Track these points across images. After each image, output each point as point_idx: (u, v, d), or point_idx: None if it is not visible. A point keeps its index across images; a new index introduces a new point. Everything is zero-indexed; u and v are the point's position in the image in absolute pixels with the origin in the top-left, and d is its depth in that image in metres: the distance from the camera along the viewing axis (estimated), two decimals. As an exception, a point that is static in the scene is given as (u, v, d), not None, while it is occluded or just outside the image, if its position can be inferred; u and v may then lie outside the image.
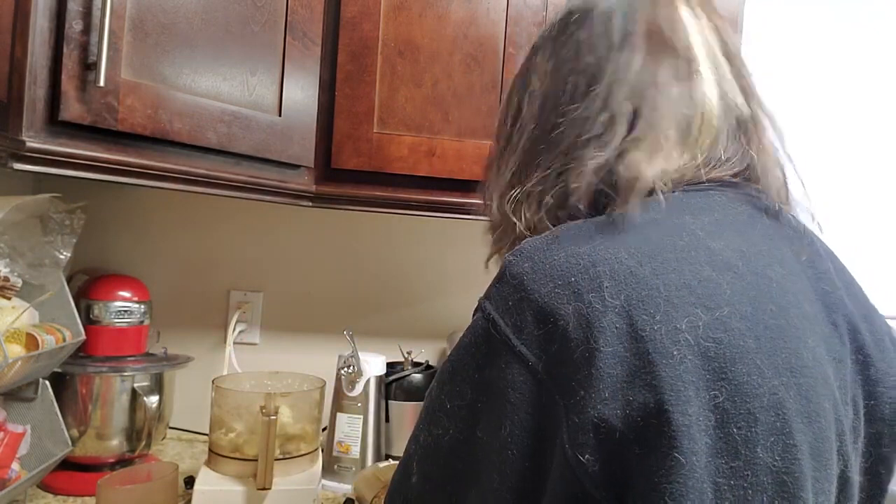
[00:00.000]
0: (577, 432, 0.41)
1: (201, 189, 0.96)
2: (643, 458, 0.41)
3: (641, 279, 0.44)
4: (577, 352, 0.42)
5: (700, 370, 0.42)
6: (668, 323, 0.43)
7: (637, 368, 0.42)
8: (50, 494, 1.09)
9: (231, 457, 0.99)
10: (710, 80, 0.55)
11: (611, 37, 0.56)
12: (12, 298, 0.95)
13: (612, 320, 0.43)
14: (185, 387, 1.30)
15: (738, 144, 0.55)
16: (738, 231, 0.50)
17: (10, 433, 0.95)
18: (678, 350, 0.42)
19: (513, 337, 0.45)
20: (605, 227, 0.48)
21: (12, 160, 0.76)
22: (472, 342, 0.48)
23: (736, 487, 0.41)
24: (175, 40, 0.90)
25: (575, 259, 0.46)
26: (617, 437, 0.41)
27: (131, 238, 1.39)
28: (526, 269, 0.47)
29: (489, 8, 1.13)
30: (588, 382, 0.42)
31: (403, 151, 1.11)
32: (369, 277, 1.46)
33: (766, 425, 0.43)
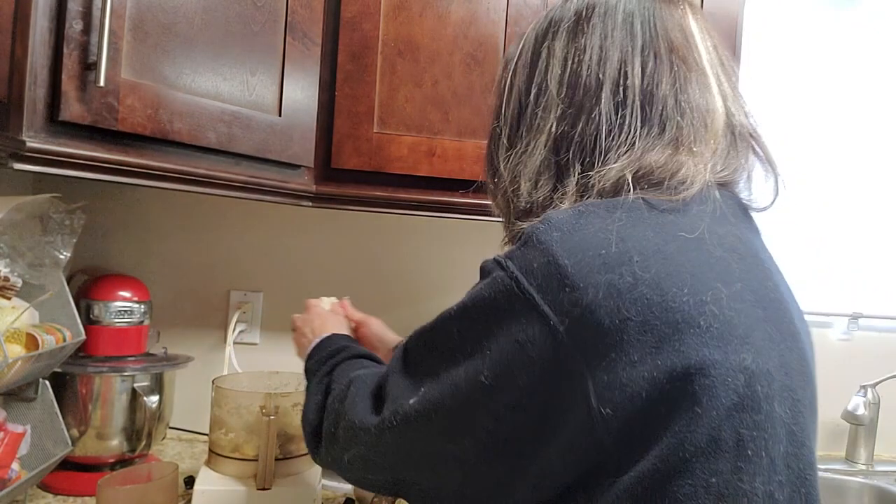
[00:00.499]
0: (605, 389, 0.46)
1: (201, 189, 0.96)
2: (667, 414, 0.46)
3: (668, 256, 0.49)
4: (608, 319, 0.46)
5: (727, 335, 0.48)
6: (695, 295, 0.48)
7: (667, 336, 0.46)
8: (50, 494, 1.09)
9: (231, 457, 0.99)
10: (717, 93, 0.60)
11: (635, 39, 0.60)
12: (12, 298, 0.95)
13: (643, 292, 0.47)
14: (185, 387, 1.30)
15: (734, 151, 0.60)
16: (733, 222, 0.56)
17: (10, 433, 0.95)
18: (704, 320, 0.47)
19: (537, 296, 0.48)
20: (629, 208, 0.52)
21: (12, 160, 0.76)
22: (491, 296, 0.51)
23: (758, 438, 0.47)
24: (175, 40, 0.90)
25: (604, 234, 0.50)
26: (644, 396, 0.46)
27: (131, 238, 1.39)
28: (555, 237, 0.50)
29: (489, 8, 1.13)
30: (619, 346, 0.46)
31: (403, 151, 1.11)
32: (369, 277, 1.46)
33: (779, 383, 0.49)
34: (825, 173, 1.68)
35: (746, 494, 0.47)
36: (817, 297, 1.67)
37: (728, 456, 0.47)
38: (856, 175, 1.69)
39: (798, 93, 1.66)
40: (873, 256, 1.69)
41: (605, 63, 0.60)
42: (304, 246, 1.45)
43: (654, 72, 0.59)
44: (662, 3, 0.63)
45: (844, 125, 1.68)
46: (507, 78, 0.68)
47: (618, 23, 0.61)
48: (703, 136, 0.58)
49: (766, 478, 0.48)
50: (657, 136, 0.58)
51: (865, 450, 1.55)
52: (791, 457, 0.50)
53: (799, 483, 0.50)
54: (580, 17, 0.63)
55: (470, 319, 0.53)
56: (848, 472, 1.51)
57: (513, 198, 0.63)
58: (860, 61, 1.68)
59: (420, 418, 0.54)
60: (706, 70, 0.61)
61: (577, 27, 0.62)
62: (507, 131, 0.66)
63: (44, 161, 0.78)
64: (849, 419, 1.55)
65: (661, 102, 0.58)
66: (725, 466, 0.46)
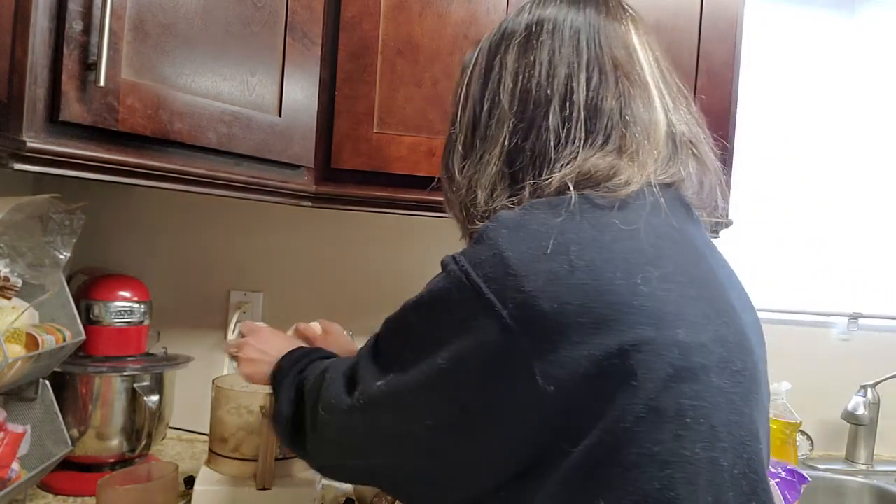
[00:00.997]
0: (548, 368, 0.50)
1: (201, 189, 0.96)
2: (608, 389, 0.50)
3: (604, 245, 0.54)
4: (548, 304, 0.51)
5: (659, 313, 0.52)
6: (627, 278, 0.53)
7: (603, 317, 0.51)
8: (50, 494, 1.09)
9: (231, 457, 0.99)
10: (658, 106, 0.65)
11: (580, 55, 0.64)
12: (12, 298, 0.95)
13: (580, 278, 0.52)
14: (185, 387, 1.30)
15: (675, 158, 0.64)
16: (670, 214, 0.60)
17: (10, 433, 0.95)
18: (637, 300, 0.52)
19: (483, 286, 0.53)
20: (570, 205, 0.57)
21: (12, 160, 0.76)
22: (445, 287, 0.56)
23: (697, 407, 0.51)
24: (175, 40, 0.90)
25: (546, 228, 0.54)
26: (584, 374, 0.50)
27: (131, 238, 1.39)
28: (503, 233, 0.55)
29: (489, 8, 1.13)
30: (560, 329, 0.50)
31: (403, 151, 1.11)
32: (369, 277, 1.46)
33: (716, 355, 0.54)
34: (825, 174, 1.68)
35: (689, 460, 0.50)
36: (817, 297, 1.67)
37: (669, 425, 0.50)
38: (856, 175, 1.69)
39: (798, 93, 1.66)
40: (873, 256, 1.69)
41: (553, 78, 0.64)
42: (304, 246, 1.45)
43: (599, 87, 0.63)
44: (607, 20, 0.66)
45: (844, 125, 1.68)
46: (462, 87, 0.72)
47: (565, 39, 0.65)
48: (645, 146, 0.62)
49: (708, 444, 0.51)
50: (601, 146, 0.62)
51: (865, 450, 1.55)
52: (733, 424, 0.53)
53: (741, 449, 0.53)
54: (530, 32, 0.66)
55: (427, 309, 0.57)
56: (848, 472, 1.51)
57: (470, 206, 0.67)
58: (860, 61, 1.68)
59: (385, 401, 0.58)
60: (649, 84, 0.65)
61: (527, 43, 0.66)
62: (462, 139, 0.70)
63: (44, 161, 0.78)
64: (849, 419, 1.55)
65: (606, 116, 0.63)
66: (667, 435, 0.50)
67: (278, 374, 0.78)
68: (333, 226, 1.45)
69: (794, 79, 1.66)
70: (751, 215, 1.63)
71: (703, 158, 0.67)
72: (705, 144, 0.68)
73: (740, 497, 0.52)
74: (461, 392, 0.54)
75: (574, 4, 0.67)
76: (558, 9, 0.67)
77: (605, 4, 0.68)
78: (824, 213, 1.68)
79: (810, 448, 1.58)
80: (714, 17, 1.20)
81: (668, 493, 0.50)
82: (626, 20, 0.68)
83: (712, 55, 1.20)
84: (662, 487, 0.50)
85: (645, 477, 0.50)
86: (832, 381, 1.61)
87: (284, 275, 1.44)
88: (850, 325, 1.65)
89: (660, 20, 1.18)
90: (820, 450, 1.62)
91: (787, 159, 1.67)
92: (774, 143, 1.66)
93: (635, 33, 0.67)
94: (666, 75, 0.68)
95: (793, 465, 1.07)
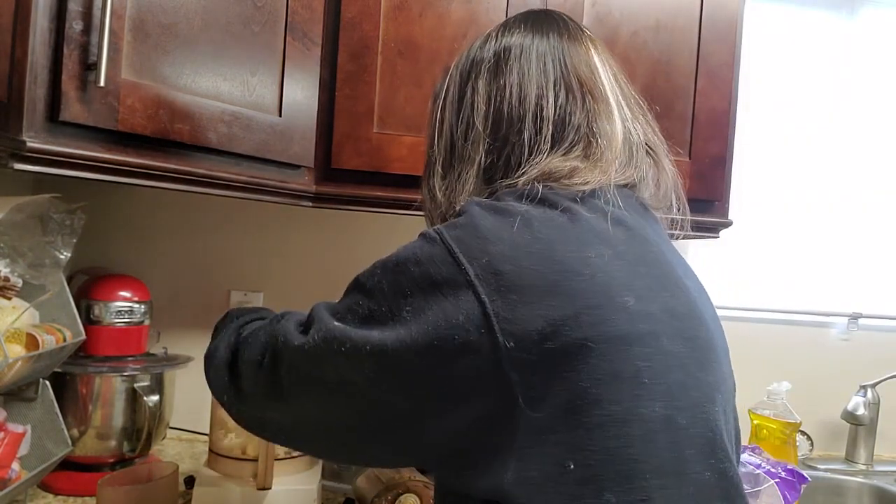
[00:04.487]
0: (506, 324, 0.54)
1: (201, 189, 0.96)
2: (564, 353, 0.54)
3: (560, 224, 0.60)
4: (509, 265, 0.56)
5: (609, 283, 0.57)
6: (580, 252, 0.58)
7: (556, 283, 0.55)
8: (50, 494, 1.09)
9: (231, 457, 0.99)
10: (617, 118, 0.71)
11: (548, 76, 0.70)
12: (12, 298, 0.95)
13: (538, 248, 0.57)
14: (185, 387, 1.30)
15: (632, 162, 0.70)
16: (626, 208, 0.66)
17: (10, 433, 0.95)
18: (588, 270, 0.57)
19: (454, 245, 0.57)
20: (534, 195, 0.62)
21: (12, 160, 0.76)
22: (419, 245, 0.59)
23: (651, 368, 0.55)
24: (175, 41, 0.90)
25: (513, 208, 0.60)
26: (540, 331, 0.54)
27: (131, 238, 1.39)
28: (476, 210, 0.61)
29: (489, 8, 1.13)
30: (517, 290, 0.55)
31: (403, 151, 1.11)
32: (369, 277, 1.46)
33: (665, 323, 0.58)
34: (825, 174, 1.68)
35: (647, 419, 0.54)
36: (817, 297, 1.67)
37: (627, 386, 0.54)
38: (856, 175, 1.69)
39: (798, 93, 1.67)
40: (873, 256, 1.69)
41: (524, 99, 0.69)
42: (304, 246, 1.45)
43: (566, 103, 0.69)
44: (569, 42, 0.72)
45: (844, 125, 1.68)
46: (437, 112, 0.77)
47: (532, 62, 0.71)
48: (606, 155, 0.68)
49: (665, 403, 0.55)
50: (564, 152, 0.68)
51: (865, 450, 1.55)
52: (689, 388, 0.57)
53: (697, 410, 0.57)
54: (499, 58, 0.72)
55: (397, 265, 0.59)
56: (848, 472, 1.51)
57: (448, 217, 0.70)
58: (860, 62, 1.68)
59: (340, 338, 0.59)
60: (609, 99, 0.71)
61: (496, 68, 0.72)
62: (440, 161, 0.75)
63: (44, 161, 0.78)
64: (849, 419, 1.55)
65: (573, 129, 0.68)
66: (625, 395, 0.54)
67: (221, 323, 0.81)
68: (333, 226, 1.45)
69: (794, 79, 1.66)
70: (751, 215, 1.63)
71: (660, 163, 0.73)
72: (661, 150, 0.74)
73: (699, 455, 0.56)
74: (422, 346, 0.55)
75: (538, 31, 0.73)
76: (523, 36, 0.73)
77: (566, 29, 0.74)
78: (824, 213, 1.68)
79: (810, 448, 1.58)
80: (714, 17, 1.20)
81: (628, 450, 0.53)
82: (586, 41, 0.74)
83: (712, 55, 1.20)
84: (623, 445, 0.53)
85: (607, 436, 0.53)
86: (832, 381, 1.61)
87: (284, 275, 1.44)
88: (850, 325, 1.65)
89: (660, 20, 1.18)
90: (820, 450, 1.62)
91: (787, 159, 1.67)
92: (774, 143, 1.66)
93: (595, 52, 0.73)
94: (624, 88, 0.74)
95: (793, 465, 1.07)
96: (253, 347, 0.68)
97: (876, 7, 1.67)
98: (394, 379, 0.57)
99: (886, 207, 1.70)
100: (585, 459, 0.53)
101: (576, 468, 0.53)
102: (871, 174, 1.69)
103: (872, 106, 1.68)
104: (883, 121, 1.69)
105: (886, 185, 1.70)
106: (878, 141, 1.69)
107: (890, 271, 1.70)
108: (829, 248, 1.68)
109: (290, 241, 1.44)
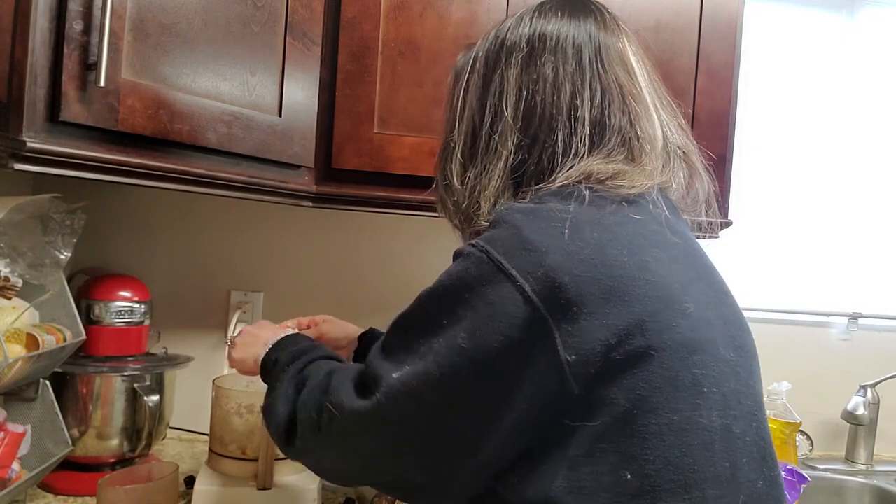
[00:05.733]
0: (568, 338, 0.52)
1: (201, 189, 0.95)
2: (625, 360, 0.52)
3: (609, 226, 0.58)
4: (566, 276, 0.53)
5: (668, 288, 0.56)
6: (636, 256, 0.56)
7: (614, 290, 0.54)
8: (50, 494, 1.09)
9: (231, 457, 0.99)
10: (656, 121, 0.69)
11: (584, 73, 0.67)
12: (13, 298, 0.95)
13: (589, 254, 0.55)
14: (185, 387, 1.30)
15: (668, 165, 0.69)
16: (669, 212, 0.65)
17: (10, 433, 0.95)
18: (646, 275, 0.55)
19: (504, 261, 0.55)
20: (578, 195, 0.60)
21: (13, 160, 0.76)
22: (464, 268, 0.57)
23: (709, 376, 0.55)
24: (175, 40, 0.90)
25: (558, 212, 0.58)
26: (603, 342, 0.52)
27: (131, 238, 1.39)
28: (517, 217, 0.58)
29: (489, 8, 1.13)
30: (577, 300, 0.53)
31: (404, 152, 1.11)
32: (370, 277, 1.46)
33: (719, 330, 0.58)
34: (825, 174, 1.68)
35: (706, 428, 0.53)
36: (817, 297, 1.67)
37: (686, 394, 0.53)
38: (856, 175, 1.69)
39: (798, 93, 1.66)
40: (873, 256, 1.69)
41: (558, 96, 0.66)
42: (304, 246, 1.45)
43: (603, 103, 0.66)
44: (606, 36, 0.69)
45: (844, 125, 1.68)
46: (458, 94, 0.72)
47: (568, 56, 0.67)
48: (650, 158, 0.66)
49: (721, 412, 0.55)
50: (606, 155, 0.65)
51: (865, 450, 1.55)
52: (741, 395, 0.57)
53: (750, 418, 0.57)
54: (533, 47, 0.68)
55: (445, 292, 0.58)
56: (848, 472, 1.51)
57: (473, 215, 0.69)
58: (860, 62, 1.68)
59: (406, 392, 0.57)
60: (647, 101, 0.68)
61: (530, 59, 0.68)
62: (461, 147, 0.71)
63: (44, 161, 0.78)
64: (849, 419, 1.55)
65: (614, 131, 0.66)
66: (685, 404, 0.53)
67: (271, 366, 0.76)
68: (333, 226, 1.45)
69: (794, 79, 1.66)
70: (751, 215, 1.63)
71: (694, 167, 0.71)
72: (695, 154, 0.72)
73: (752, 463, 0.56)
74: (482, 369, 0.54)
75: (574, 20, 0.69)
76: (559, 24, 0.68)
77: (602, 20, 0.70)
78: (824, 213, 1.68)
79: (810, 448, 1.58)
80: (714, 17, 1.20)
81: (687, 460, 0.52)
82: (622, 35, 0.70)
83: (712, 55, 1.20)
84: (682, 454, 0.52)
85: (664, 445, 0.52)
86: (832, 381, 1.61)
87: (284, 275, 1.44)
88: (850, 325, 1.65)
89: (660, 20, 1.18)
90: (820, 450, 1.62)
91: (787, 159, 1.67)
92: (774, 143, 1.66)
93: (630, 48, 0.70)
94: (658, 89, 0.71)
95: (793, 465, 1.07)
96: (310, 409, 0.65)
97: (876, 7, 1.67)
98: (456, 402, 0.56)
99: (886, 207, 1.70)
100: (641, 469, 0.52)
101: (632, 478, 0.52)
102: (871, 174, 1.69)
103: (872, 106, 1.68)
104: (883, 121, 1.69)
105: (886, 185, 1.70)
106: (878, 141, 1.69)
107: (890, 271, 1.70)
108: (829, 248, 1.68)
109: (291, 241, 1.44)
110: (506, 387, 0.54)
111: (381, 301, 1.44)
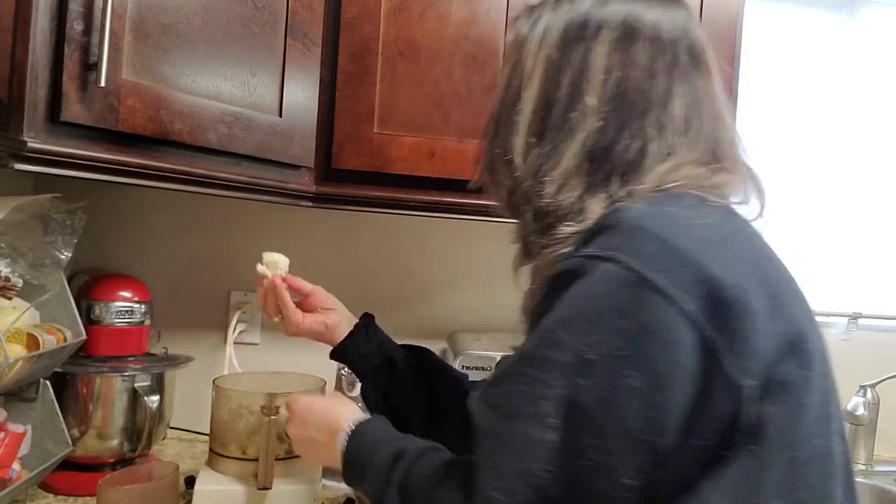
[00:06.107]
0: (738, 358, 0.48)
1: (201, 189, 0.96)
2: (784, 378, 0.49)
3: (746, 237, 0.57)
4: (729, 291, 0.49)
5: (802, 308, 0.55)
6: (775, 268, 0.56)
7: (774, 306, 0.51)
8: (51, 494, 1.09)
9: (231, 457, 0.99)
10: (731, 123, 0.66)
11: (678, 67, 0.62)
12: (13, 298, 0.95)
13: (746, 270, 0.52)
14: (185, 387, 1.30)
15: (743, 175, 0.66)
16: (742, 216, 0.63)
17: (10, 433, 0.95)
18: (788, 287, 0.55)
19: (660, 279, 0.48)
20: (686, 199, 0.57)
21: (13, 160, 0.76)
22: (608, 291, 0.49)
23: (831, 397, 0.54)
24: (176, 41, 0.90)
25: (685, 219, 0.53)
26: (770, 359, 0.49)
27: (131, 238, 1.39)
28: (651, 223, 0.52)
29: (489, 8, 1.13)
30: (744, 316, 0.49)
31: (404, 152, 1.11)
32: (370, 277, 1.46)
33: (823, 347, 0.56)
34: (825, 174, 1.68)
35: (834, 452, 0.52)
36: (817, 297, 1.67)
37: (823, 417, 0.52)
38: (856, 175, 1.69)
39: (798, 93, 1.66)
40: (873, 256, 1.69)
41: (651, 88, 0.61)
42: (304, 246, 1.45)
43: (694, 101, 0.62)
44: (695, 29, 0.65)
45: (844, 125, 1.68)
46: (525, 61, 0.65)
47: (665, 47, 0.62)
48: (737, 164, 0.64)
49: (838, 435, 0.54)
50: (695, 157, 0.61)
51: (865, 450, 1.55)
52: (837, 417, 0.55)
53: (844, 440, 0.56)
54: (627, 30, 0.62)
55: (588, 322, 0.49)
56: (848, 473, 1.51)
57: (533, 196, 0.62)
58: (860, 62, 1.68)
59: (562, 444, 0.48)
60: (727, 105, 0.66)
61: (620, 42, 0.62)
62: (528, 121, 0.64)
63: (44, 161, 0.78)
64: (848, 419, 1.54)
65: (699, 133, 0.62)
66: (824, 427, 0.51)
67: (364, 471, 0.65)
68: (333, 226, 1.45)
69: (794, 79, 1.66)
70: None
71: (751, 171, 0.67)
72: (745, 153, 0.68)
73: (844, 484, 0.54)
74: (655, 405, 0.47)
75: (667, 9, 0.64)
76: (654, 11, 0.63)
77: (690, 14, 0.66)
78: (824, 213, 1.68)
79: (810, 448, 1.58)
80: (714, 17, 1.20)
81: (826, 486, 0.51)
82: (699, 26, 0.66)
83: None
84: (822, 481, 0.51)
85: (812, 471, 0.50)
86: (832, 382, 1.61)
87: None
88: (850, 325, 1.65)
89: (660, 20, 1.18)
90: (820, 450, 1.61)
91: (787, 160, 1.67)
92: (774, 143, 1.66)
93: (707, 42, 0.66)
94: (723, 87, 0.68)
95: (793, 466, 1.07)
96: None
97: (876, 7, 1.67)
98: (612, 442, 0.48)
99: (886, 207, 1.70)
100: (792, 497, 0.48)
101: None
102: (870, 174, 1.69)
103: (872, 106, 1.68)
104: (883, 121, 1.69)
105: (886, 185, 1.70)
106: (878, 141, 1.69)
107: (890, 271, 1.70)
108: (829, 248, 1.68)
109: (290, 241, 1.44)
110: (676, 421, 0.48)
111: (381, 300, 1.44)
